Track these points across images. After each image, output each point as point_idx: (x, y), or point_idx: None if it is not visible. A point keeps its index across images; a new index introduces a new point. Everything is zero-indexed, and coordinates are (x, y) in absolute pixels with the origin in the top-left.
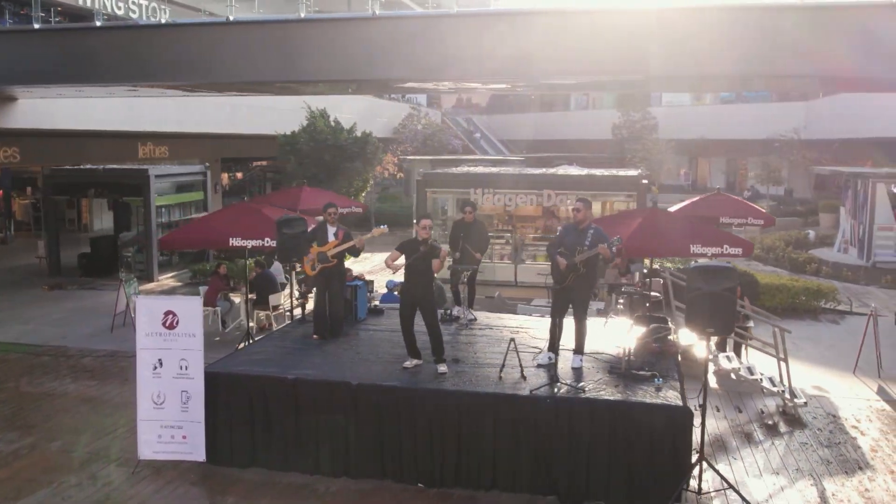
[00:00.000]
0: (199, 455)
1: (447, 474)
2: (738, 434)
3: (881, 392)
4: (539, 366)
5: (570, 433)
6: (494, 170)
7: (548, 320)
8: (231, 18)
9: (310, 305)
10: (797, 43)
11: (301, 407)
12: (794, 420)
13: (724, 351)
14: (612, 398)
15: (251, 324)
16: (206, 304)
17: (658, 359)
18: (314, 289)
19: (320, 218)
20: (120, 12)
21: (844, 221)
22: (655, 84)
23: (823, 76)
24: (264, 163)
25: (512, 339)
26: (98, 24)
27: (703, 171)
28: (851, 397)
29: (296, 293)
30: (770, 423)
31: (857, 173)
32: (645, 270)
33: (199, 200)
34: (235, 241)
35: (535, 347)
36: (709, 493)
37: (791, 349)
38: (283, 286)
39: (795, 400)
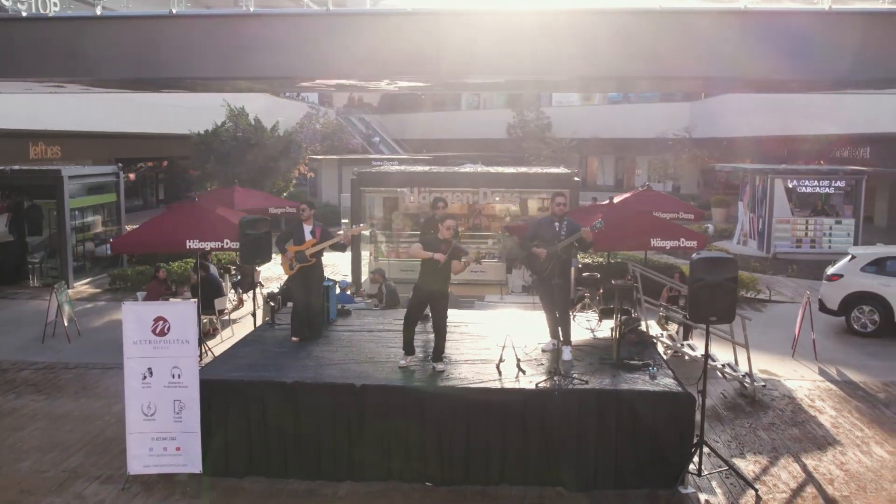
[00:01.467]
0: (195, 467)
1: (456, 471)
2: (710, 417)
3: (822, 374)
4: (544, 351)
5: (578, 424)
6: (426, 168)
7: (512, 314)
8: (174, 11)
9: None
10: (646, 46)
11: (301, 410)
12: (755, 402)
13: (688, 339)
14: (617, 388)
15: None
16: None
17: (639, 349)
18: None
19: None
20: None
21: (743, 215)
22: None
23: (669, 77)
24: (150, 164)
25: (508, 336)
26: (24, 14)
27: (592, 169)
28: (798, 379)
29: (232, 296)
30: (735, 405)
31: (756, 170)
32: (580, 266)
33: (112, 203)
34: (193, 244)
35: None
36: (707, 473)
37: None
38: None
39: (756, 384)
